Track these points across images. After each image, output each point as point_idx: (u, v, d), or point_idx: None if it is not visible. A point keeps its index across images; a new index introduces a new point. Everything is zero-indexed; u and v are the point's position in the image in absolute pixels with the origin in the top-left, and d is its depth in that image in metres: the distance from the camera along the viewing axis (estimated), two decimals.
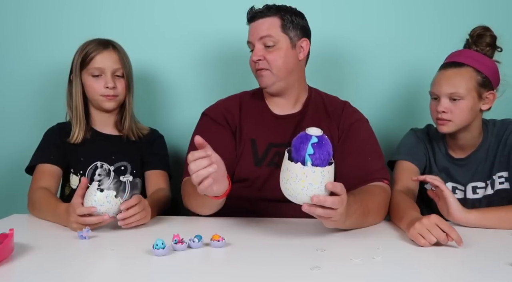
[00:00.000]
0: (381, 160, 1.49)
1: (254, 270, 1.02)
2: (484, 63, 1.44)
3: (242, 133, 1.52)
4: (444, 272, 1.03)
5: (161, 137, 1.74)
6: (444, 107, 1.44)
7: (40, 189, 1.49)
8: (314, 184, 1.06)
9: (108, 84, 1.56)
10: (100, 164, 1.59)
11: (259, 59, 1.48)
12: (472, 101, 1.43)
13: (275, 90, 1.52)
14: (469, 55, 1.46)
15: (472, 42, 1.47)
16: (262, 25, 1.48)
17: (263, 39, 1.48)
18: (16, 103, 1.97)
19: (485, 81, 1.44)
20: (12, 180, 1.99)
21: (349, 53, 1.93)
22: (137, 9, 1.94)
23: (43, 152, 1.60)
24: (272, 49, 1.48)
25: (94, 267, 1.06)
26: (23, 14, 1.95)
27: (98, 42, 1.60)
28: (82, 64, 1.58)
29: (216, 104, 1.60)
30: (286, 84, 1.52)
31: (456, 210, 1.29)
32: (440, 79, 1.46)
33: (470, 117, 1.46)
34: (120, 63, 1.60)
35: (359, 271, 1.01)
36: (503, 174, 1.51)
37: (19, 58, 1.96)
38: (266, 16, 1.49)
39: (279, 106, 1.56)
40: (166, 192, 1.60)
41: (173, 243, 1.13)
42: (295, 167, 1.07)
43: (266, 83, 1.50)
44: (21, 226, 1.24)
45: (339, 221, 1.16)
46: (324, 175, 1.07)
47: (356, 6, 1.92)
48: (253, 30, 1.50)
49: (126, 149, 1.65)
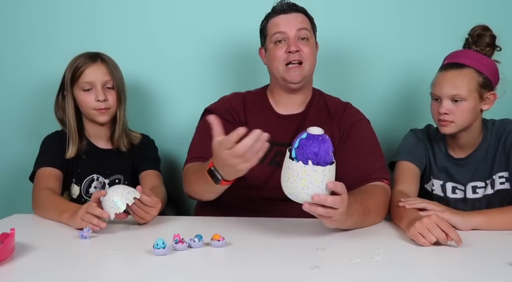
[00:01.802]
0: (381, 160, 1.50)
1: (254, 270, 1.02)
2: (485, 64, 1.44)
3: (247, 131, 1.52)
4: (444, 272, 1.03)
5: (151, 142, 1.76)
6: (446, 109, 1.43)
7: (45, 189, 1.50)
8: (315, 183, 1.07)
9: (99, 97, 1.57)
10: (96, 176, 1.62)
11: (297, 50, 1.46)
12: (473, 102, 1.43)
13: (300, 85, 1.52)
14: (469, 56, 1.45)
15: (472, 42, 1.47)
16: (298, 18, 1.49)
17: (301, 31, 1.48)
18: (17, 103, 1.98)
19: (486, 82, 1.44)
20: (12, 180, 2.00)
21: (349, 53, 1.93)
22: (128, 18, 1.94)
23: (45, 157, 1.61)
24: (307, 43, 1.49)
25: (95, 267, 1.06)
26: (19, 24, 1.96)
27: (87, 56, 1.61)
28: (73, 79, 1.59)
29: (220, 101, 1.60)
30: (308, 82, 1.55)
31: (456, 222, 1.27)
32: (441, 80, 1.45)
33: (472, 118, 1.46)
34: (110, 75, 1.60)
35: (359, 271, 1.01)
36: (503, 174, 1.51)
37: (15, 68, 1.97)
38: (298, 11, 1.51)
39: (285, 106, 1.56)
40: (160, 189, 1.60)
41: (173, 243, 1.13)
42: (296, 165, 1.07)
43: (299, 78, 1.49)
44: (22, 226, 1.24)
45: (340, 221, 1.16)
46: (325, 174, 1.07)
47: (358, 6, 1.92)
48: (288, 21, 1.48)
49: (119, 162, 1.67)
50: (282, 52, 1.48)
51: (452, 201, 1.53)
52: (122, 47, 1.89)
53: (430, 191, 1.58)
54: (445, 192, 1.56)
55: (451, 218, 1.26)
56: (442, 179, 1.56)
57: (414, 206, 1.33)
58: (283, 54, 1.48)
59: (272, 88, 1.59)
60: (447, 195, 1.55)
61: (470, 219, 1.29)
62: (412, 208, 1.32)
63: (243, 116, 1.54)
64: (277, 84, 1.55)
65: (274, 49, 1.50)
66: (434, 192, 1.57)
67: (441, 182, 1.56)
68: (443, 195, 1.56)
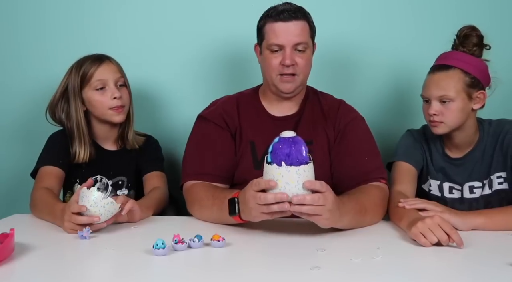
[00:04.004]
0: (377, 159, 1.49)
1: (254, 270, 1.02)
2: (472, 64, 1.45)
3: (242, 135, 1.51)
4: (444, 272, 1.03)
5: (155, 143, 1.75)
6: (435, 110, 1.45)
7: (42, 189, 1.49)
8: (290, 183, 1.09)
9: (115, 94, 1.56)
10: (99, 177, 1.62)
11: (292, 64, 1.43)
12: (462, 102, 1.44)
13: (293, 94, 1.51)
14: (456, 57, 1.46)
15: (459, 43, 1.47)
16: (296, 29, 1.42)
17: (299, 44, 1.42)
18: (17, 103, 1.98)
19: (474, 82, 1.44)
20: (12, 180, 2.00)
21: (345, 54, 1.92)
22: (125, 19, 1.94)
23: (48, 155, 1.60)
24: (303, 55, 1.44)
25: (94, 267, 1.06)
26: (17, 27, 1.95)
27: (93, 58, 1.59)
28: (82, 82, 1.58)
29: (213, 107, 1.57)
30: (302, 88, 1.53)
31: (456, 222, 1.27)
32: (429, 82, 1.47)
33: (462, 118, 1.47)
34: (120, 73, 1.61)
35: (359, 271, 1.01)
36: (501, 174, 1.51)
37: (15, 69, 1.97)
38: (298, 19, 1.43)
39: (279, 108, 1.54)
40: (162, 190, 1.60)
41: (173, 243, 1.13)
42: (271, 168, 1.11)
43: (291, 89, 1.47)
44: (21, 226, 1.24)
45: (332, 219, 1.16)
46: (300, 174, 1.09)
47: (354, 7, 1.91)
48: (286, 33, 1.41)
49: (124, 163, 1.67)
50: (277, 62, 1.44)
51: (449, 201, 1.53)
52: (122, 47, 1.89)
53: (428, 191, 1.58)
54: (442, 192, 1.56)
55: (451, 218, 1.26)
56: (439, 179, 1.56)
57: (414, 206, 1.33)
58: (277, 64, 1.44)
59: (265, 89, 1.56)
60: (444, 195, 1.55)
61: (470, 219, 1.30)
62: (412, 208, 1.32)
63: (238, 121, 1.52)
64: (269, 88, 1.52)
65: (269, 57, 1.45)
66: (431, 192, 1.57)
67: (438, 182, 1.56)
68: (440, 195, 1.56)
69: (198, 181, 1.45)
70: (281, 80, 1.46)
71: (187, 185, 1.46)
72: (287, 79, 1.45)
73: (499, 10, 1.89)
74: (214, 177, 1.45)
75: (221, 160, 1.48)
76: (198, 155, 1.49)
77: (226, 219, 1.27)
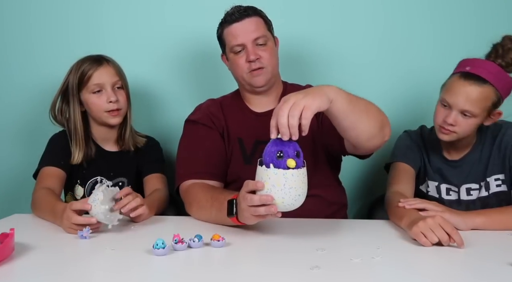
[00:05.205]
0: None
1: (254, 270, 1.02)
2: (505, 83, 1.38)
3: (230, 133, 1.55)
4: (444, 272, 1.03)
5: (156, 144, 1.76)
6: (454, 120, 1.40)
7: (43, 189, 1.50)
8: (277, 186, 1.09)
9: (111, 98, 1.57)
10: (100, 178, 1.62)
11: (257, 58, 1.48)
12: (481, 119, 1.41)
13: (268, 87, 1.55)
14: (492, 71, 1.36)
15: (500, 55, 1.37)
16: (251, 25, 1.49)
17: (257, 38, 1.48)
18: (18, 104, 1.98)
19: (499, 102, 1.40)
20: (12, 180, 2.00)
21: (344, 56, 1.92)
22: (125, 19, 1.94)
23: (50, 156, 1.60)
24: (265, 48, 1.50)
25: (95, 267, 1.06)
26: (24, 26, 1.96)
27: (92, 59, 1.59)
28: (80, 84, 1.58)
29: (199, 110, 1.61)
30: (275, 81, 1.57)
31: (456, 222, 1.27)
32: (458, 91, 1.38)
33: (473, 131, 1.46)
34: (118, 76, 1.61)
35: (359, 271, 1.01)
36: (499, 176, 1.50)
37: (16, 69, 1.97)
38: (250, 16, 1.50)
39: (260, 105, 1.58)
40: (162, 191, 1.61)
41: (173, 243, 1.13)
42: (260, 169, 1.12)
43: (263, 81, 1.51)
44: (21, 226, 1.24)
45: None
46: (287, 178, 1.09)
47: (357, 8, 1.91)
48: (243, 31, 1.48)
49: (124, 165, 1.67)
50: (243, 61, 1.50)
51: (446, 203, 1.52)
52: (121, 48, 1.89)
53: (425, 192, 1.58)
54: (440, 194, 1.56)
55: (451, 218, 1.26)
56: (437, 181, 1.56)
57: (414, 206, 1.32)
58: (244, 63, 1.50)
59: (242, 91, 1.61)
60: (442, 197, 1.55)
61: (470, 219, 1.30)
62: (412, 208, 1.32)
63: (224, 121, 1.56)
64: (245, 88, 1.58)
65: (235, 59, 1.51)
66: (429, 193, 1.57)
67: (436, 184, 1.56)
68: (438, 196, 1.56)
69: (194, 180, 1.46)
70: (252, 76, 1.51)
71: (184, 186, 1.47)
72: (257, 73, 1.50)
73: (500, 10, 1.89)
74: (208, 174, 1.48)
75: (213, 157, 1.51)
76: (191, 155, 1.52)
77: (224, 221, 1.28)
